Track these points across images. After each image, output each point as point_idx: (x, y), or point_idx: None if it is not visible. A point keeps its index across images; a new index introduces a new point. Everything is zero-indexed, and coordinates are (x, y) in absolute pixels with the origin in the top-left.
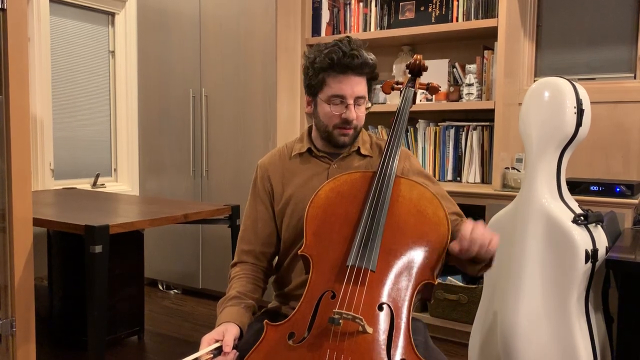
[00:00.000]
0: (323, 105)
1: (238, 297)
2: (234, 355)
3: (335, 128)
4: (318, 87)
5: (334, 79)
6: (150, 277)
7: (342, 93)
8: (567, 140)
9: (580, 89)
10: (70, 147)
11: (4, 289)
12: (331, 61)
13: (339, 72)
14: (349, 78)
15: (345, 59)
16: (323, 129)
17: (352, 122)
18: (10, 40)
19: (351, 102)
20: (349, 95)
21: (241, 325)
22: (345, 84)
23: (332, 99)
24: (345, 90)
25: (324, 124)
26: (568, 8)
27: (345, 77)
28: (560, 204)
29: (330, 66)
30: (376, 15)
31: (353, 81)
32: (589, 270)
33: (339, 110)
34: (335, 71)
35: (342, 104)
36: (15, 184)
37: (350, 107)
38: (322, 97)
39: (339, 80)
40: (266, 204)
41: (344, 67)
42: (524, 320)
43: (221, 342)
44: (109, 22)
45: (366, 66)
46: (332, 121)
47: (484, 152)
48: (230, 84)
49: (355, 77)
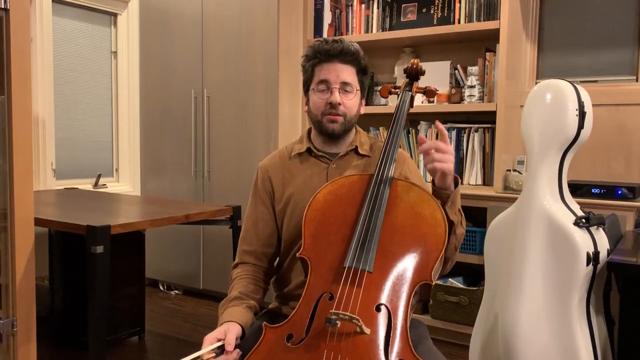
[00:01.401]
0: (312, 95)
1: (240, 298)
2: (236, 355)
3: (324, 115)
4: (310, 80)
5: (320, 67)
6: (151, 278)
7: (325, 77)
8: (568, 142)
9: (582, 91)
10: (72, 147)
11: (5, 288)
12: (315, 50)
13: (323, 60)
14: (334, 65)
15: (326, 45)
16: (314, 120)
17: (337, 106)
18: (13, 40)
19: (336, 86)
20: (332, 80)
21: (243, 324)
22: (329, 70)
23: (318, 85)
24: (329, 75)
25: (314, 113)
26: (570, 10)
27: (329, 64)
28: (561, 206)
29: (315, 55)
30: (378, 16)
31: (338, 67)
32: (590, 273)
33: (325, 96)
34: (320, 59)
35: (327, 90)
36: (17, 184)
37: (334, 91)
38: (312, 87)
39: (323, 67)
40: (267, 205)
41: (325, 53)
42: (525, 322)
43: (223, 341)
44: (111, 23)
45: (348, 53)
46: (319, 108)
47: (485, 154)
48: (232, 85)
49: (340, 64)
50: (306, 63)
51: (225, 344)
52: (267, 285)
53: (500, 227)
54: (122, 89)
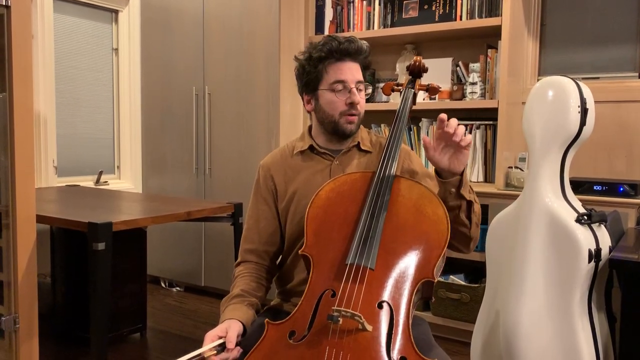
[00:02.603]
0: (326, 95)
1: (241, 295)
2: (237, 352)
3: (342, 115)
4: (318, 80)
5: (333, 66)
6: (153, 275)
7: (343, 78)
8: (570, 139)
9: (584, 88)
10: (74, 145)
11: (8, 285)
12: (330, 49)
13: (337, 59)
14: (347, 64)
15: (343, 45)
16: (329, 120)
17: (357, 106)
18: (14, 37)
19: (353, 86)
20: (350, 79)
21: (245, 322)
22: (345, 70)
23: (334, 85)
24: (347, 75)
25: (329, 114)
26: (572, 7)
27: (343, 63)
28: (563, 203)
29: (329, 55)
30: (379, 13)
31: (352, 67)
32: (592, 270)
33: (344, 95)
34: (333, 58)
35: (345, 90)
36: (19, 181)
37: (354, 91)
38: (323, 87)
39: (338, 67)
40: (269, 203)
41: (341, 53)
42: (526, 319)
43: (224, 339)
44: (112, 20)
45: (362, 52)
46: (337, 109)
47: (487, 151)
48: (233, 82)
49: (352, 63)
50: (313, 61)
51: (226, 341)
52: (269, 283)
53: (501, 224)
54: (124, 86)
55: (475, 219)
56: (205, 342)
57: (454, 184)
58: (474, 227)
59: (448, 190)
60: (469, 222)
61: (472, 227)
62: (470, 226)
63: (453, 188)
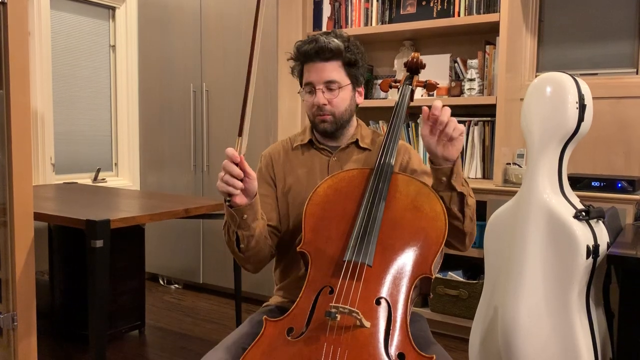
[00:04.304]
0: (303, 96)
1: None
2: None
3: (315, 116)
4: (300, 81)
5: (305, 67)
6: (151, 272)
7: (309, 80)
8: (568, 135)
9: (582, 84)
10: (71, 142)
11: (6, 283)
12: (297, 52)
13: (305, 60)
14: (316, 64)
15: (305, 46)
16: (309, 119)
17: (323, 107)
18: (11, 34)
19: (319, 87)
20: (315, 81)
21: (254, 202)
22: (312, 71)
23: (305, 87)
24: (312, 77)
25: (307, 113)
26: (570, 3)
27: (311, 64)
28: (561, 199)
29: (297, 58)
30: (377, 9)
31: (319, 67)
32: (590, 266)
33: (312, 97)
34: (303, 60)
35: (312, 91)
36: (16, 179)
37: (317, 93)
38: (302, 88)
39: (307, 69)
40: (271, 185)
41: (305, 55)
42: (525, 315)
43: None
44: (109, 17)
45: (327, 51)
46: (310, 109)
47: (485, 148)
48: (231, 79)
49: (322, 63)
50: (296, 65)
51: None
52: (271, 244)
53: (500, 221)
54: (121, 83)
55: (469, 213)
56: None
57: (445, 173)
58: (467, 221)
59: (439, 178)
60: (461, 216)
61: (465, 220)
62: (464, 220)
63: (444, 177)
